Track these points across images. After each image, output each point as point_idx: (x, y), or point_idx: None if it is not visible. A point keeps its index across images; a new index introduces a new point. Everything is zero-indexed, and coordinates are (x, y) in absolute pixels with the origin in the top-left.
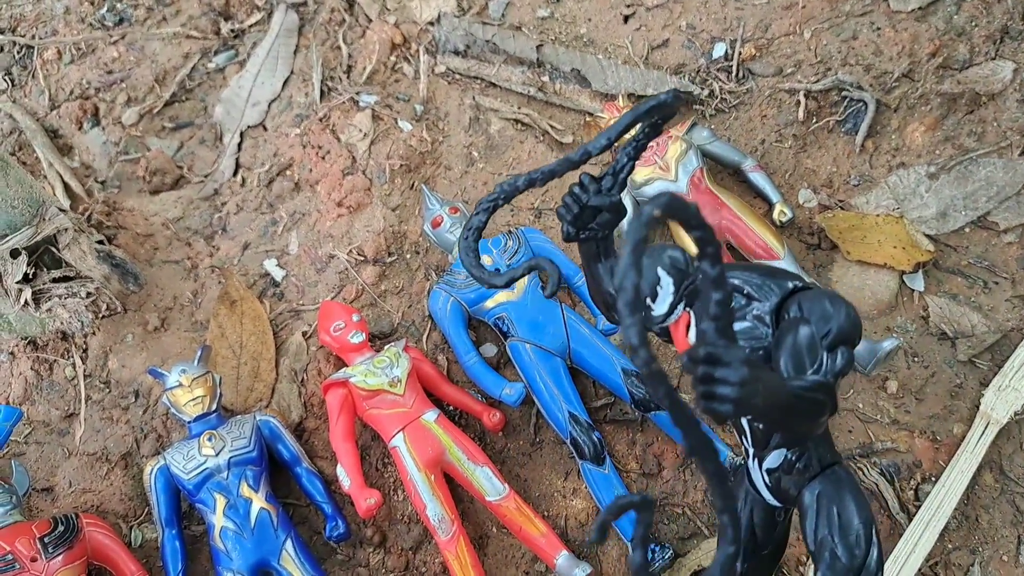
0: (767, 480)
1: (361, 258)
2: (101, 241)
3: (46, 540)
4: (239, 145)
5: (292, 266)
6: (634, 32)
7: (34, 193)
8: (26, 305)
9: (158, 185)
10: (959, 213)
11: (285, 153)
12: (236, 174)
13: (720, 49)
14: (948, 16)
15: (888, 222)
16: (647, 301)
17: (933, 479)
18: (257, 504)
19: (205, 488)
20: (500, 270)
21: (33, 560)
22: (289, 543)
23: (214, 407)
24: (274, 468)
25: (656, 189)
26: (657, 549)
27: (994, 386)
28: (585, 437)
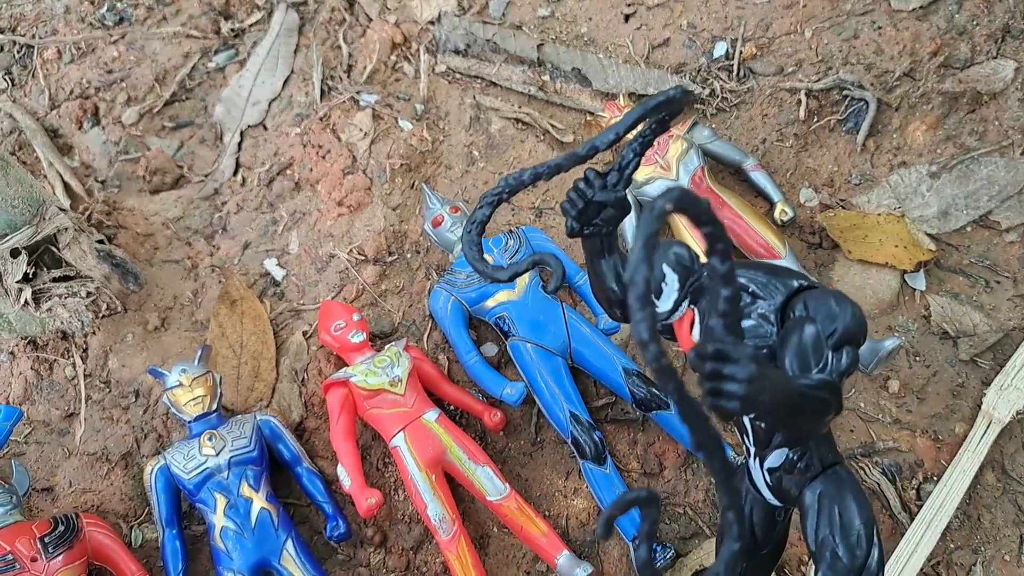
0: (768, 479)
1: (362, 257)
2: (101, 241)
3: (46, 540)
4: (239, 144)
5: (292, 265)
6: (635, 31)
7: (34, 192)
8: (26, 305)
9: (158, 185)
10: (960, 212)
11: (285, 152)
12: (236, 173)
13: (721, 48)
14: (949, 15)
15: (889, 221)
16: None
17: (935, 478)
18: (258, 504)
19: (206, 488)
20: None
21: (33, 560)
22: (290, 543)
23: (214, 407)
24: (275, 468)
25: (657, 188)
26: (659, 549)
27: (996, 385)
28: (586, 437)
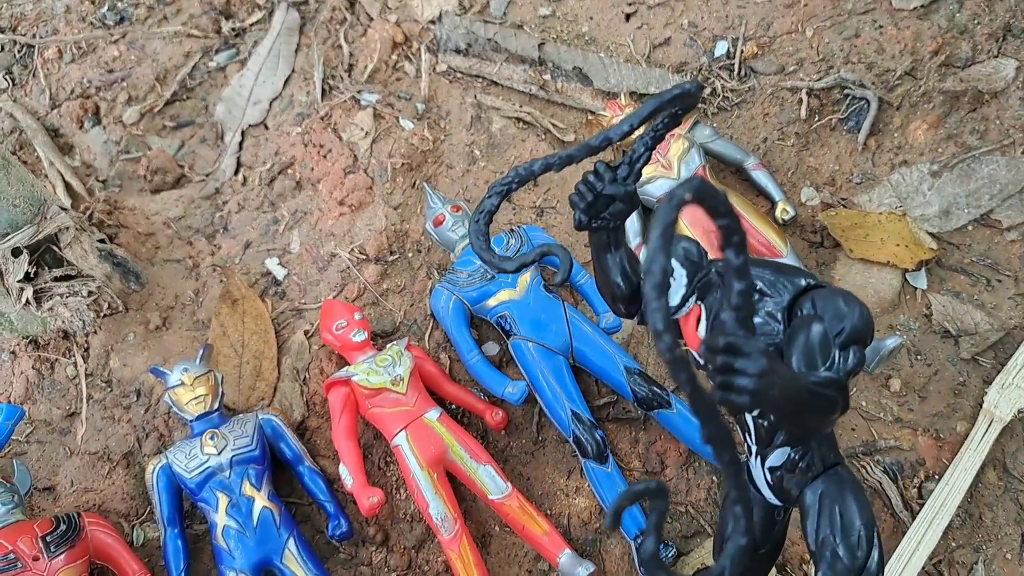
0: (769, 478)
1: (363, 257)
2: (102, 240)
3: (48, 539)
4: (240, 144)
5: (294, 265)
6: (636, 30)
7: (35, 192)
8: (27, 304)
9: (159, 184)
10: (962, 211)
11: (286, 152)
12: (237, 173)
13: (722, 47)
14: (950, 14)
15: (891, 220)
16: None
17: (936, 477)
18: (260, 503)
19: (207, 487)
20: None
21: (35, 559)
22: (292, 542)
23: (216, 406)
24: (276, 467)
25: (659, 187)
26: (661, 547)
27: (997, 384)
28: (588, 435)
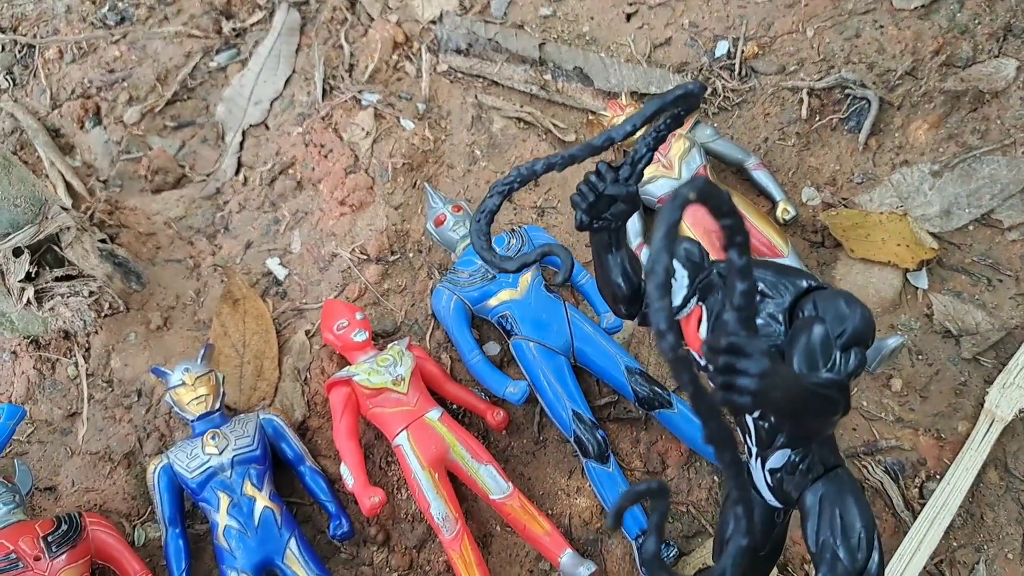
0: (769, 480)
1: (364, 257)
2: (103, 240)
3: (49, 539)
4: (241, 144)
5: (295, 265)
6: (636, 30)
7: (37, 192)
8: (29, 304)
9: (160, 184)
10: (963, 211)
11: (287, 152)
12: (238, 173)
13: (723, 47)
14: (951, 14)
15: (892, 220)
16: None
17: (938, 477)
18: (261, 503)
19: (209, 487)
20: None
21: (37, 559)
22: (293, 542)
23: (217, 406)
24: (278, 467)
25: (660, 187)
26: (662, 547)
27: (998, 384)
28: (589, 435)
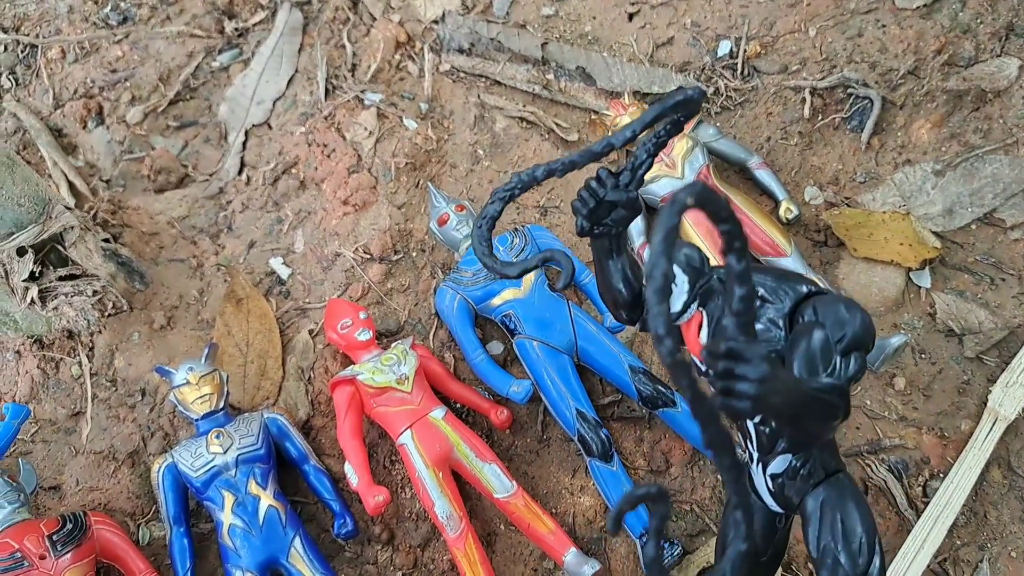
0: (770, 485)
1: (367, 256)
2: (107, 239)
3: (55, 538)
4: (244, 144)
5: (298, 264)
6: (639, 30)
7: (40, 191)
8: (32, 303)
9: (163, 184)
10: (965, 210)
11: (290, 151)
12: (241, 172)
13: (725, 47)
14: (953, 13)
15: (894, 219)
16: None
17: (941, 476)
18: (265, 501)
19: (213, 486)
20: None
21: (42, 558)
22: (298, 540)
23: (221, 405)
24: (282, 466)
25: (663, 186)
26: (666, 546)
27: (1001, 382)
28: (593, 434)
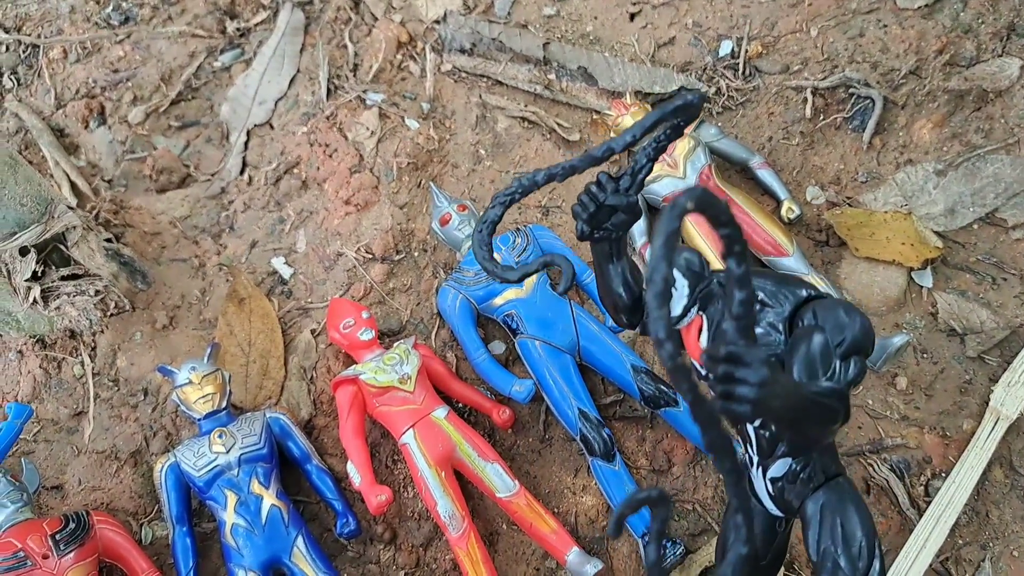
0: (770, 489)
1: (369, 256)
2: (109, 239)
3: (57, 537)
4: (246, 144)
5: (300, 264)
6: (640, 30)
7: (42, 191)
8: (35, 303)
9: (165, 184)
10: (967, 210)
11: (292, 151)
12: (243, 172)
13: (727, 47)
14: (955, 13)
15: (896, 219)
16: None
17: (943, 475)
18: (268, 501)
19: (216, 485)
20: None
21: (45, 557)
22: (300, 540)
23: (224, 404)
24: (284, 465)
25: (664, 186)
26: (668, 545)
27: (1003, 382)
28: (595, 434)
